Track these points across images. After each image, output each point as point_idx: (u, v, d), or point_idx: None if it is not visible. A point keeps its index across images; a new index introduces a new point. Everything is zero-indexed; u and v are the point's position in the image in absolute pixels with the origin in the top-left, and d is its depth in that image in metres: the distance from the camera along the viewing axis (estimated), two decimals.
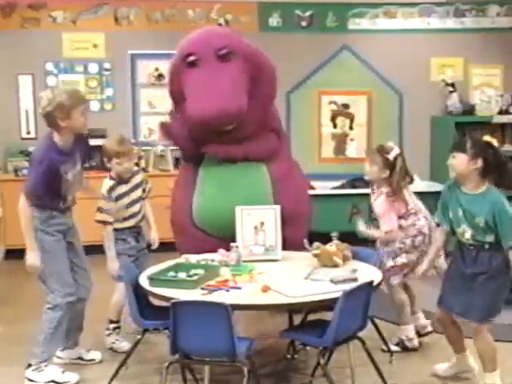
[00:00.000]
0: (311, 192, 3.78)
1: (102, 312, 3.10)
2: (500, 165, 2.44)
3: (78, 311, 2.86)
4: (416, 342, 2.98)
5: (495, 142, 2.51)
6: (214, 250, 2.83)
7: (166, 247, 3.30)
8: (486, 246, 2.45)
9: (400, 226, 2.93)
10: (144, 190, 3.15)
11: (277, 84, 3.22)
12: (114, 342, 3.05)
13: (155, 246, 3.13)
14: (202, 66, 3.04)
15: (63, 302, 2.71)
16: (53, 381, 2.70)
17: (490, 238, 2.43)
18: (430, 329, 3.08)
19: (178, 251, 3.25)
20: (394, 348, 2.95)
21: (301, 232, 3.18)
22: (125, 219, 3.05)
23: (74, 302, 2.76)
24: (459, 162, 2.45)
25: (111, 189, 3.01)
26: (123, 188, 3.05)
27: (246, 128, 3.11)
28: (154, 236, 3.15)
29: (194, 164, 3.27)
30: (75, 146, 2.73)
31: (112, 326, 3.07)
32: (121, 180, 3.04)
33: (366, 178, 3.02)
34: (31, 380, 2.69)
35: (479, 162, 2.42)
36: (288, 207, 3.06)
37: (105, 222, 2.98)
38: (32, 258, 2.65)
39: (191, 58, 3.05)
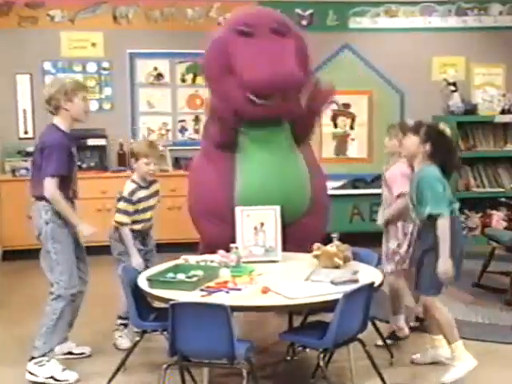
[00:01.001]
0: None
1: (107, 311, 3.11)
2: (446, 152, 2.63)
3: (75, 305, 2.88)
4: (407, 330, 3.05)
5: (448, 131, 2.73)
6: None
7: (171, 248, 3.31)
8: (424, 222, 2.61)
9: None
10: (158, 201, 3.19)
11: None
12: (117, 338, 3.09)
13: None
14: (258, 36, 3.03)
15: (67, 293, 2.74)
16: (52, 377, 2.72)
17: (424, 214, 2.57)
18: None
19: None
20: (388, 341, 2.97)
21: (323, 223, 3.32)
22: (137, 222, 3.08)
23: (77, 294, 2.80)
24: (410, 142, 2.70)
25: (133, 192, 3.06)
26: (143, 193, 3.09)
27: (291, 105, 3.11)
28: None
29: (228, 151, 3.23)
30: (74, 136, 2.86)
31: (120, 321, 3.10)
32: (142, 183, 3.09)
33: (387, 151, 3.11)
34: (32, 373, 2.73)
35: (427, 146, 2.62)
36: (318, 196, 3.22)
37: (122, 224, 3.02)
38: (86, 228, 2.75)
39: (246, 29, 3.04)
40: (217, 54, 3.11)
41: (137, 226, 3.08)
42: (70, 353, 2.96)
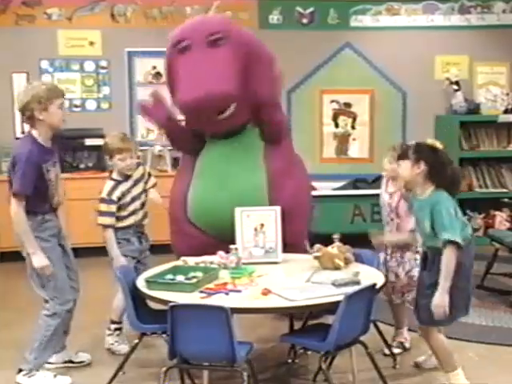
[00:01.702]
0: (313, 193, 3.78)
1: (100, 315, 3.11)
2: (443, 166, 2.46)
3: (69, 315, 2.86)
4: (409, 342, 3.05)
5: (438, 144, 2.54)
6: (210, 251, 2.82)
7: (169, 249, 3.31)
8: (435, 253, 2.46)
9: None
10: (146, 183, 3.17)
11: (279, 73, 3.12)
12: (112, 344, 3.07)
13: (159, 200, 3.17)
14: (193, 51, 2.98)
15: (62, 310, 2.72)
16: None
17: (439, 243, 2.42)
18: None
19: (172, 251, 3.25)
20: (396, 350, 2.97)
21: (299, 228, 3.19)
22: (126, 217, 3.07)
23: (72, 308, 2.78)
24: (403, 168, 2.52)
25: (112, 190, 3.05)
26: (124, 186, 3.08)
27: (240, 117, 3.06)
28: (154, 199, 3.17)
29: (192, 154, 3.23)
30: (54, 145, 2.74)
31: (113, 326, 3.09)
32: (122, 178, 3.08)
33: (385, 174, 2.98)
34: None
35: (422, 166, 2.47)
36: (284, 204, 3.04)
37: (105, 226, 3.01)
38: (39, 259, 2.63)
39: (182, 44, 2.99)
40: (167, 69, 3.14)
41: (130, 220, 3.06)
42: (71, 361, 2.93)
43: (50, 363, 2.87)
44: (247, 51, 3.02)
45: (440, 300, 2.39)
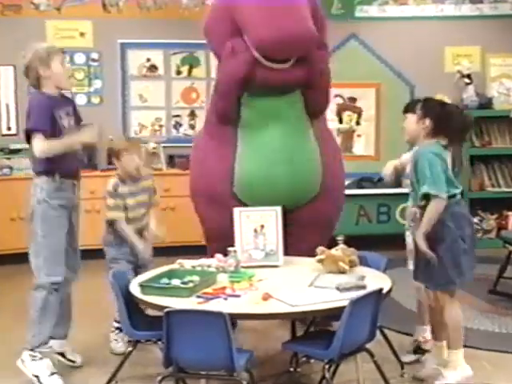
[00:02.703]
0: None
1: (97, 319, 3.12)
2: (448, 122, 2.54)
3: (63, 295, 2.89)
4: (431, 343, 2.94)
5: (447, 99, 2.69)
6: None
7: (165, 252, 3.32)
8: (424, 208, 2.54)
9: None
10: (151, 197, 3.21)
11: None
12: (111, 341, 3.14)
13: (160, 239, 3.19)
14: None
15: (47, 282, 2.75)
16: (37, 377, 2.75)
17: (425, 200, 2.52)
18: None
19: (213, 231, 3.23)
20: (408, 358, 2.96)
21: (335, 207, 3.29)
22: (127, 221, 3.10)
23: (61, 283, 2.80)
24: (408, 122, 2.67)
25: (116, 185, 3.09)
26: (127, 188, 3.11)
27: (300, 71, 2.99)
28: (157, 232, 3.17)
29: (230, 125, 3.17)
30: (65, 101, 2.85)
31: (116, 324, 3.13)
32: (129, 178, 3.12)
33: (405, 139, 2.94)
34: (23, 361, 2.77)
35: (427, 122, 2.56)
36: (330, 179, 3.16)
37: (115, 219, 3.06)
38: (86, 133, 2.76)
39: None
40: (222, 10, 3.02)
41: (131, 227, 3.10)
42: (63, 355, 2.97)
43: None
44: (312, 4, 3.03)
45: (419, 243, 2.50)
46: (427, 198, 2.52)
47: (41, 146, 2.67)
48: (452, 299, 2.60)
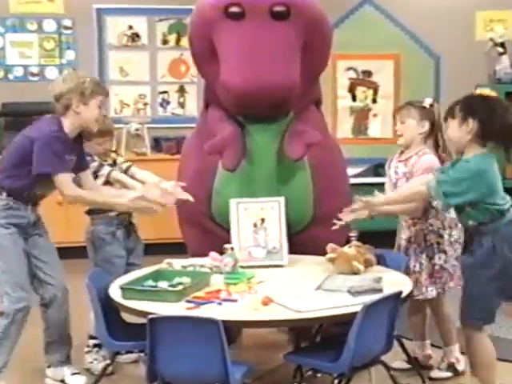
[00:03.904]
0: None
1: (81, 325, 3.12)
2: (493, 120, 2.45)
3: (52, 318, 2.92)
4: (463, 363, 2.99)
5: (493, 94, 2.56)
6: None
7: (151, 250, 3.32)
8: (473, 228, 2.54)
9: (433, 209, 2.90)
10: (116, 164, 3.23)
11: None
12: (91, 362, 3.12)
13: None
14: (249, 20, 2.90)
15: (12, 308, 2.78)
16: None
17: (477, 219, 2.50)
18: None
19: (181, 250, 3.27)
20: (438, 374, 2.98)
21: (343, 230, 3.16)
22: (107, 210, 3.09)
23: (28, 308, 2.82)
24: (450, 129, 2.56)
25: (100, 166, 3.10)
26: (109, 169, 3.13)
27: (289, 105, 2.99)
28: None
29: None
30: (76, 146, 2.90)
31: (92, 342, 3.13)
32: (104, 161, 3.15)
33: (400, 142, 3.01)
34: None
35: (471, 123, 2.47)
36: (326, 198, 3.10)
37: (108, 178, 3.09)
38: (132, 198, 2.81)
39: (235, 9, 2.90)
40: (201, 34, 3.06)
41: (112, 213, 3.10)
42: (63, 381, 3.00)
43: (47, 376, 2.97)
44: (312, 27, 2.98)
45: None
46: (459, 209, 2.52)
47: (72, 192, 2.78)
48: (480, 333, 2.58)
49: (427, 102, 2.99)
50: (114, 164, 3.20)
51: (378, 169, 5.30)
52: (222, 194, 3.10)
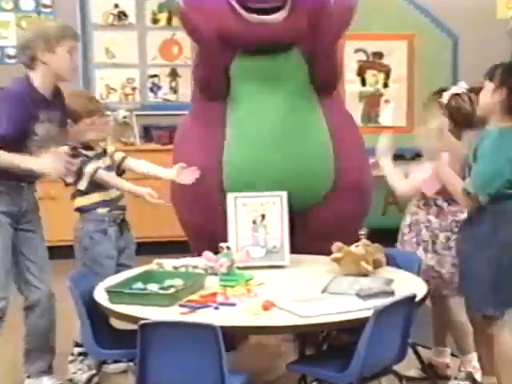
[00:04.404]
0: None
1: (66, 331, 3.13)
2: None
3: (34, 324, 2.92)
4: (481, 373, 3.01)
5: None
6: None
7: (141, 249, 3.33)
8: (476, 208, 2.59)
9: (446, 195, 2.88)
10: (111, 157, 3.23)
11: None
12: (75, 373, 3.13)
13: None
14: None
15: None
16: None
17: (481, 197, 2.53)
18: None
19: (199, 239, 3.28)
20: None
21: (357, 208, 3.26)
22: (95, 191, 3.09)
23: (4, 308, 2.83)
24: (483, 92, 2.58)
25: (83, 163, 3.07)
26: (95, 164, 3.11)
27: (293, 26, 3.01)
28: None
29: (218, 102, 3.20)
30: (54, 102, 2.85)
31: (77, 350, 3.13)
32: (89, 154, 3.12)
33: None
34: None
35: (504, 93, 2.52)
36: (347, 171, 3.15)
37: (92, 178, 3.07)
38: (41, 163, 2.73)
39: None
40: None
41: (104, 195, 3.11)
42: None
43: None
44: None
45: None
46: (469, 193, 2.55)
47: None
48: (499, 325, 2.60)
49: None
50: (104, 153, 3.18)
51: None
52: (232, 159, 3.15)
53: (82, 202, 3.11)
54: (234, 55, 3.12)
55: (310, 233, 3.16)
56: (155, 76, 5.59)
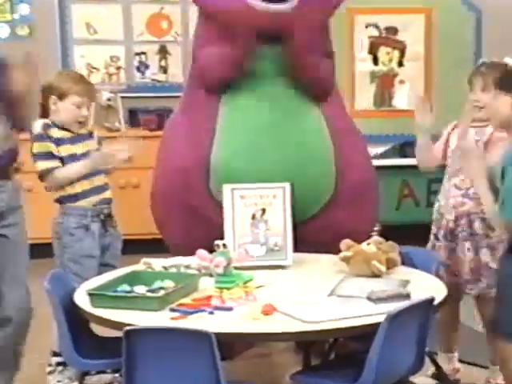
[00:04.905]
0: None
1: (43, 339, 3.14)
2: None
3: (5, 339, 2.90)
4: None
5: None
6: None
7: (126, 247, 3.34)
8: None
9: None
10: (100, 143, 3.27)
11: None
12: None
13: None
14: None
15: None
16: None
17: None
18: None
19: (168, 247, 3.33)
20: None
21: (370, 214, 3.28)
22: (79, 195, 3.11)
23: None
24: (502, 103, 2.64)
25: (46, 126, 3.10)
26: (64, 134, 3.13)
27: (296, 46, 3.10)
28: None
29: (215, 92, 3.24)
30: None
31: (55, 359, 3.14)
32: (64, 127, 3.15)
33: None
34: None
35: None
36: (350, 175, 3.19)
37: (48, 170, 3.07)
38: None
39: None
40: None
41: (89, 201, 3.12)
42: None
43: None
44: None
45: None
46: None
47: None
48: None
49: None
50: (90, 136, 3.21)
51: (405, 148, 5.30)
52: (223, 153, 3.17)
53: (61, 192, 3.12)
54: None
55: (311, 243, 3.15)
56: (142, 54, 5.59)
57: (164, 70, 5.58)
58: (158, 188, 3.39)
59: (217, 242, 2.73)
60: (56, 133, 3.11)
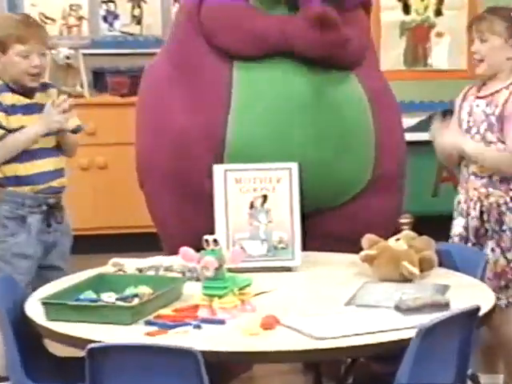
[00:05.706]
0: None
1: None
2: None
3: None
4: None
5: None
6: None
7: (89, 244, 3.35)
8: None
9: None
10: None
11: None
12: None
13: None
14: None
15: None
16: None
17: None
18: None
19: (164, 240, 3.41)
20: None
21: (398, 203, 3.41)
22: (22, 178, 3.14)
23: None
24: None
25: None
26: (17, 99, 3.17)
27: None
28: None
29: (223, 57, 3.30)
30: None
31: None
32: (14, 87, 3.18)
33: (479, 71, 3.17)
34: None
35: None
36: (390, 156, 3.32)
37: None
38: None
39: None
40: None
41: (23, 188, 3.13)
42: None
43: None
44: None
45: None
46: None
47: None
48: None
49: None
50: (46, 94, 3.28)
51: (445, 118, 5.30)
52: (240, 127, 3.22)
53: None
54: None
55: (335, 237, 3.25)
56: (110, 1, 5.58)
57: (138, 20, 5.59)
58: (151, 160, 3.40)
59: (206, 236, 2.74)
60: (8, 98, 3.14)
